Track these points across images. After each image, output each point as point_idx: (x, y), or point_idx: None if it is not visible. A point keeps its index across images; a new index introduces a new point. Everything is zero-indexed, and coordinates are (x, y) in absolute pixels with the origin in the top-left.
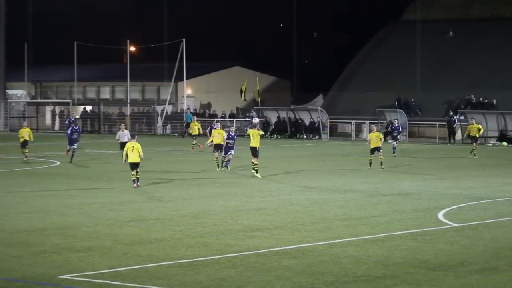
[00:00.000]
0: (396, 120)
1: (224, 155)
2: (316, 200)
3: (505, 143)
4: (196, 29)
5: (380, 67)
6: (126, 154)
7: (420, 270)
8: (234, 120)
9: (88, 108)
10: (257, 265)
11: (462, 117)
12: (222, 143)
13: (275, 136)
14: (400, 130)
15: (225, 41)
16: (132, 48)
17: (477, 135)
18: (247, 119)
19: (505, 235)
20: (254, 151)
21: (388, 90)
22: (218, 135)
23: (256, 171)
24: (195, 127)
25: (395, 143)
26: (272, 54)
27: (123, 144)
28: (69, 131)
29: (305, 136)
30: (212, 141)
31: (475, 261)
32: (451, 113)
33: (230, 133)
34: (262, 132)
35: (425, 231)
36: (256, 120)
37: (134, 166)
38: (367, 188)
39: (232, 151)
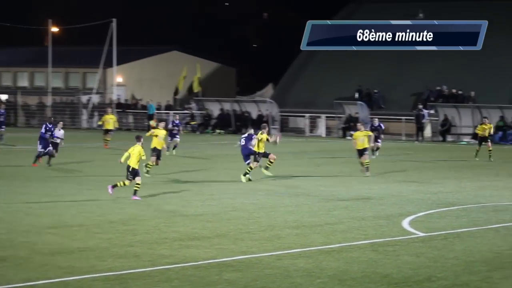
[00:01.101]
0: (376, 119)
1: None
2: (263, 204)
3: None
4: (128, 8)
5: (339, 53)
6: (127, 158)
7: (381, 285)
8: (171, 112)
9: (3, 97)
10: (195, 279)
11: (432, 111)
12: (161, 147)
13: (218, 131)
14: (383, 129)
15: (161, 22)
16: (55, 29)
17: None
18: (186, 111)
19: (479, 247)
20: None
21: (347, 80)
22: (159, 137)
23: (245, 174)
24: (111, 121)
25: (378, 144)
26: (215, 37)
27: (53, 144)
28: (43, 130)
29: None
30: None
31: (445, 276)
32: (420, 107)
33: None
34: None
35: (388, 241)
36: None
37: (130, 173)
38: (322, 191)
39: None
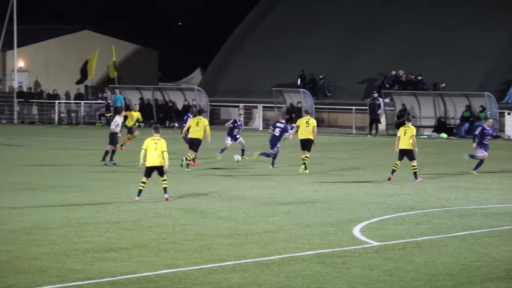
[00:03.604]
0: (486, 122)
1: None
2: (190, 209)
3: (444, 135)
4: None
5: (277, 32)
6: (145, 154)
7: None
8: (82, 102)
9: None
10: None
11: (387, 100)
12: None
13: (137, 124)
14: (492, 135)
15: None
16: None
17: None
18: (100, 101)
19: (442, 258)
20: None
21: (288, 64)
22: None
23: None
24: (135, 115)
25: (486, 153)
26: (134, 14)
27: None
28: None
29: (177, 124)
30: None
31: None
32: (375, 95)
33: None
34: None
35: (336, 252)
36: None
37: (151, 171)
38: (259, 194)
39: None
